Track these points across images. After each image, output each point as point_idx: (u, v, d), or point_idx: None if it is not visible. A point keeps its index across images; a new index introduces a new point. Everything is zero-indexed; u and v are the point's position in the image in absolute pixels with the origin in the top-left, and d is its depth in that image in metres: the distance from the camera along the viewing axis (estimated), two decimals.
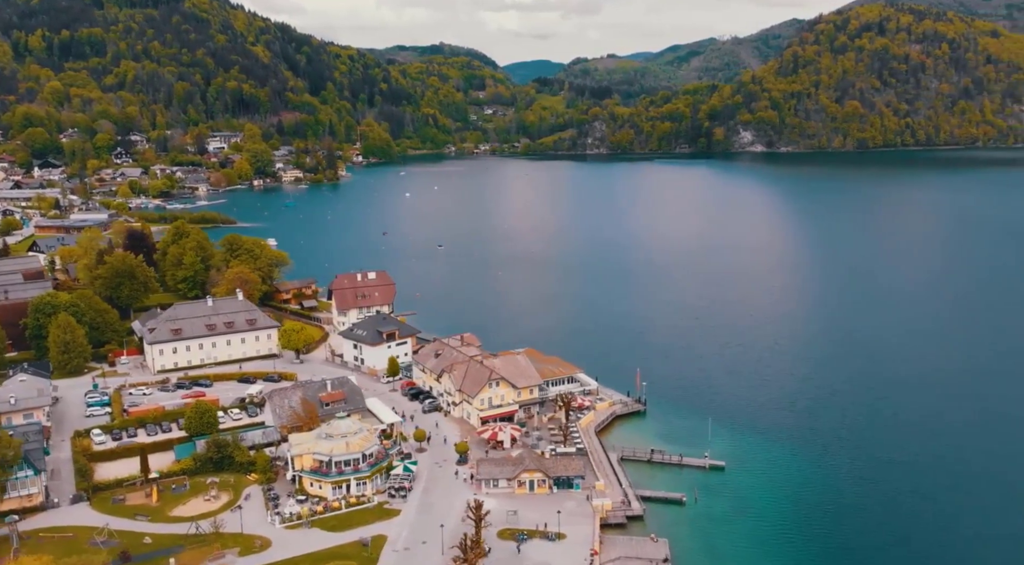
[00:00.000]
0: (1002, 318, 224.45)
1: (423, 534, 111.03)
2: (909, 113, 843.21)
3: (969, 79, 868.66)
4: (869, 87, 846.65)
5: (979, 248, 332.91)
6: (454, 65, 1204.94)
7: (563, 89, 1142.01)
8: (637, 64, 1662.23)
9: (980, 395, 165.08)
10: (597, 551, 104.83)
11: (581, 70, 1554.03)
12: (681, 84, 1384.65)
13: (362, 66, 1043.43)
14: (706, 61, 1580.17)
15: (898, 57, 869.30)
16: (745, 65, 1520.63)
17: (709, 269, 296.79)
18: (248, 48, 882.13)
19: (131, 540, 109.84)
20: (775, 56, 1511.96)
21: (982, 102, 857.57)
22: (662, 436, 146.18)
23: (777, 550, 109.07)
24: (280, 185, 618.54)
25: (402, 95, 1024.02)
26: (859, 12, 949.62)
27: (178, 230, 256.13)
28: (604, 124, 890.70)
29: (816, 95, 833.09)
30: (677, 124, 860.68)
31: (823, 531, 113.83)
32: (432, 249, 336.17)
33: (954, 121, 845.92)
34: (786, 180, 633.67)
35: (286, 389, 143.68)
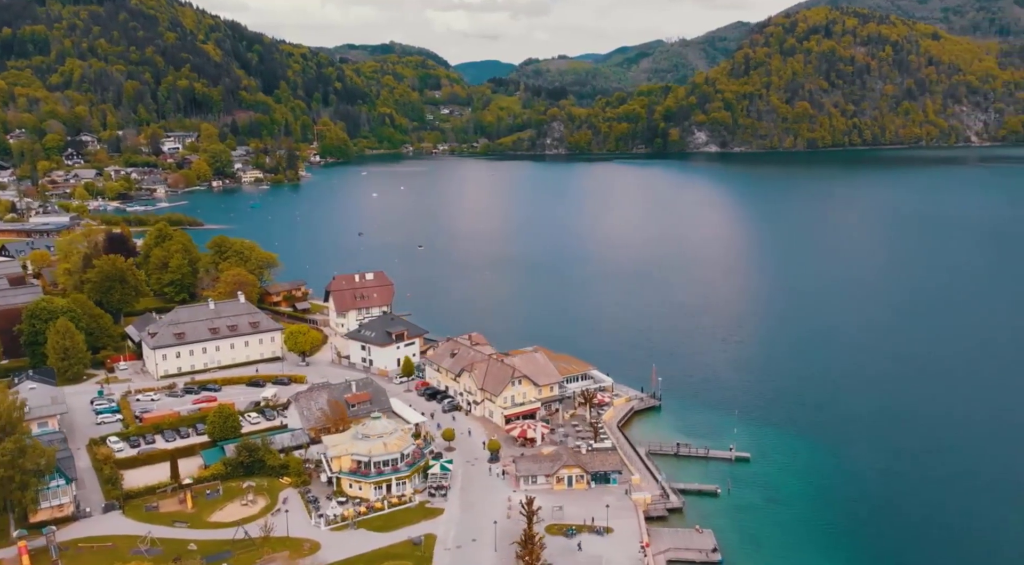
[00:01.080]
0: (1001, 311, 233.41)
1: (471, 532, 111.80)
2: (856, 114, 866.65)
3: (912, 80, 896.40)
4: (817, 88, 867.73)
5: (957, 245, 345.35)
6: (408, 64, 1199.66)
7: (519, 89, 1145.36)
8: (588, 65, 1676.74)
9: (994, 384, 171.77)
10: (648, 543, 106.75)
11: (533, 71, 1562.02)
12: (631, 85, 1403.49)
13: (315, 65, 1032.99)
14: (655, 62, 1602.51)
15: (844, 59, 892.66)
16: (693, 66, 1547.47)
17: (692, 266, 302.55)
18: (199, 46, 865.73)
19: (175, 547, 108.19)
20: (722, 58, 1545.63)
21: (925, 103, 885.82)
22: (680, 430, 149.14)
23: (814, 536, 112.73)
24: (240, 186, 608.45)
25: (357, 94, 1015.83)
26: (806, 15, 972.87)
27: (161, 232, 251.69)
28: (562, 125, 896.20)
29: (767, 96, 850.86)
30: (634, 125, 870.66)
31: (853, 516, 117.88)
32: (412, 250, 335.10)
33: (898, 121, 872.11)
34: (742, 180, 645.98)
35: (312, 391, 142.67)
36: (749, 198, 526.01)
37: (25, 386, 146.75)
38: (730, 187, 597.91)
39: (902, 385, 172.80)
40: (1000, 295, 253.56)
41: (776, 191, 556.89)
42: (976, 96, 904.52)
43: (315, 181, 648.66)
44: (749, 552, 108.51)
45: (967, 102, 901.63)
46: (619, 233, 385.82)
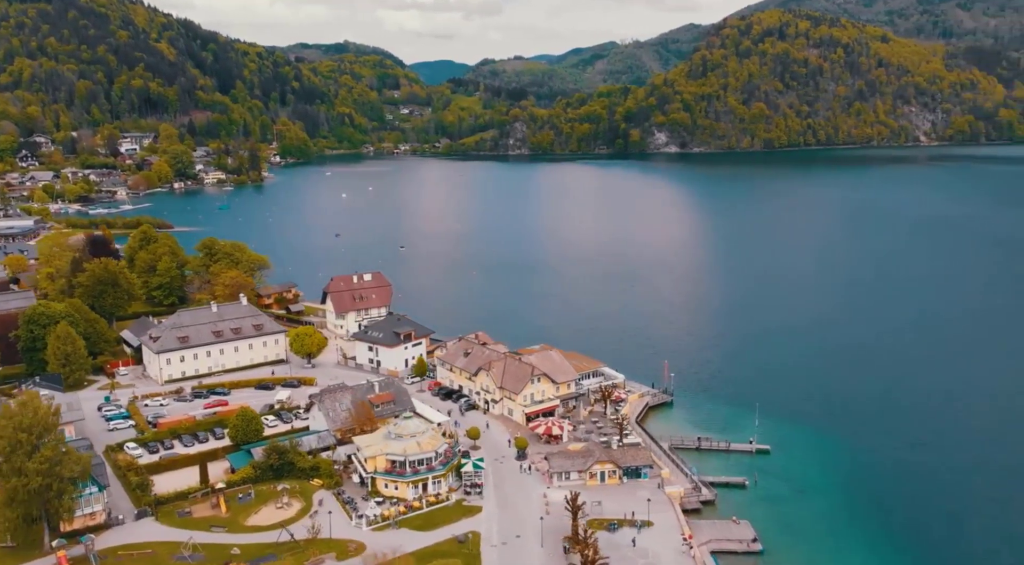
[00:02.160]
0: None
1: (513, 528, 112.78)
2: (810, 114, 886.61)
3: (863, 82, 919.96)
4: (773, 90, 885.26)
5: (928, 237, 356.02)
6: (366, 64, 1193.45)
7: (478, 90, 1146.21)
8: (543, 66, 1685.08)
9: (1003, 370, 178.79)
10: (691, 535, 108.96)
11: (490, 71, 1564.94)
12: (587, 86, 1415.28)
13: (271, 64, 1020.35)
14: (610, 64, 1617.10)
15: (798, 61, 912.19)
16: (647, 68, 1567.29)
17: (679, 264, 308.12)
18: (152, 45, 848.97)
19: (218, 552, 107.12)
20: (675, 59, 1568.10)
21: (875, 103, 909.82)
22: (695, 424, 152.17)
23: (845, 523, 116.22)
24: (202, 187, 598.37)
25: (315, 94, 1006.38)
26: (760, 18, 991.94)
27: (145, 235, 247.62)
28: (525, 125, 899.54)
29: (725, 97, 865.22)
30: (595, 126, 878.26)
31: (879, 503, 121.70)
32: (393, 250, 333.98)
33: (851, 121, 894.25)
34: (705, 180, 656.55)
35: (335, 392, 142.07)
36: (717, 198, 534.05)
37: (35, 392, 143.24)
38: (695, 187, 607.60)
39: (907, 371, 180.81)
40: (991, 286, 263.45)
41: (740, 191, 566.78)
42: (924, 97, 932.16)
43: (279, 182, 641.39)
44: (786, 541, 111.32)
45: (916, 103, 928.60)
46: (600, 232, 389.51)
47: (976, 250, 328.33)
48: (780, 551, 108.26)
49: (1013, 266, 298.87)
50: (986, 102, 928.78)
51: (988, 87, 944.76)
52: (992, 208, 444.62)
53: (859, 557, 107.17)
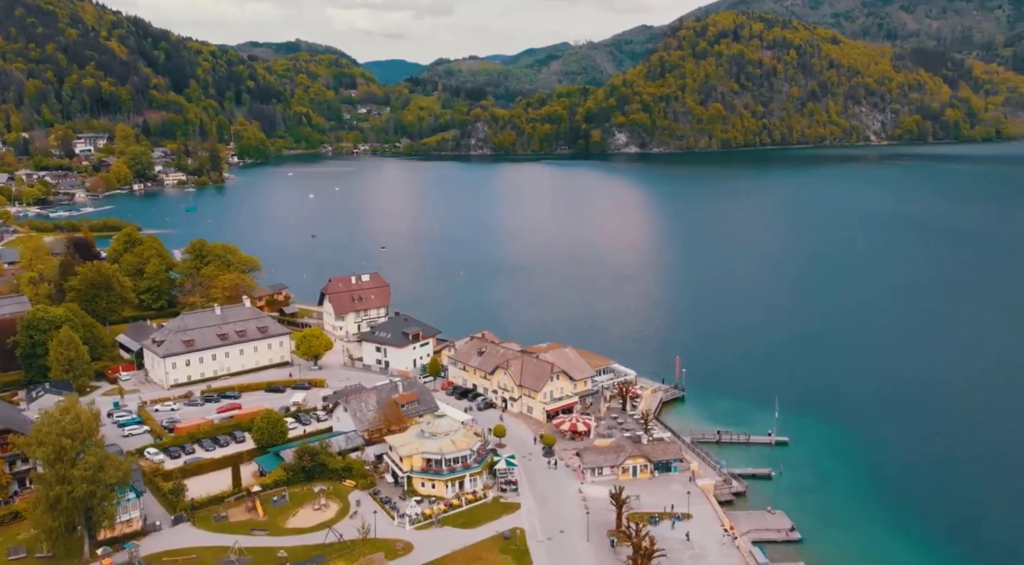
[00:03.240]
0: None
1: (555, 524, 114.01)
2: (765, 114, 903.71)
3: (815, 83, 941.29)
4: (729, 90, 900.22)
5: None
6: (321, 63, 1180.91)
7: (436, 89, 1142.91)
8: (498, 66, 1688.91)
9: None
10: (732, 526, 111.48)
11: (445, 70, 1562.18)
12: (543, 86, 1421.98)
13: (225, 63, 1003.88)
14: (565, 65, 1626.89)
15: (753, 62, 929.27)
16: (601, 69, 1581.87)
17: (665, 262, 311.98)
18: (103, 43, 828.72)
19: (263, 556, 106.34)
20: (628, 60, 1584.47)
21: (827, 104, 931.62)
22: (709, 418, 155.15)
23: (874, 510, 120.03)
24: (162, 189, 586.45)
25: (271, 93, 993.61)
26: (715, 19, 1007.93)
27: (130, 237, 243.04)
28: (486, 125, 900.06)
29: (683, 98, 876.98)
30: (556, 126, 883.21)
31: (902, 490, 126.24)
32: (374, 251, 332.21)
33: (804, 122, 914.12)
34: (666, 180, 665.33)
35: (360, 393, 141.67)
36: (687, 198, 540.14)
37: (49, 399, 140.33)
38: (661, 187, 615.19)
39: (910, 360, 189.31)
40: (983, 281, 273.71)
41: (704, 190, 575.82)
42: (874, 97, 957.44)
43: (241, 183, 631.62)
44: (822, 529, 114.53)
45: (866, 103, 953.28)
46: (578, 232, 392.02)
47: (954, 245, 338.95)
48: (818, 539, 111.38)
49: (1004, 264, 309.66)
50: (933, 102, 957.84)
51: (934, 88, 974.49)
52: (968, 206, 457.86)
53: (894, 542, 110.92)
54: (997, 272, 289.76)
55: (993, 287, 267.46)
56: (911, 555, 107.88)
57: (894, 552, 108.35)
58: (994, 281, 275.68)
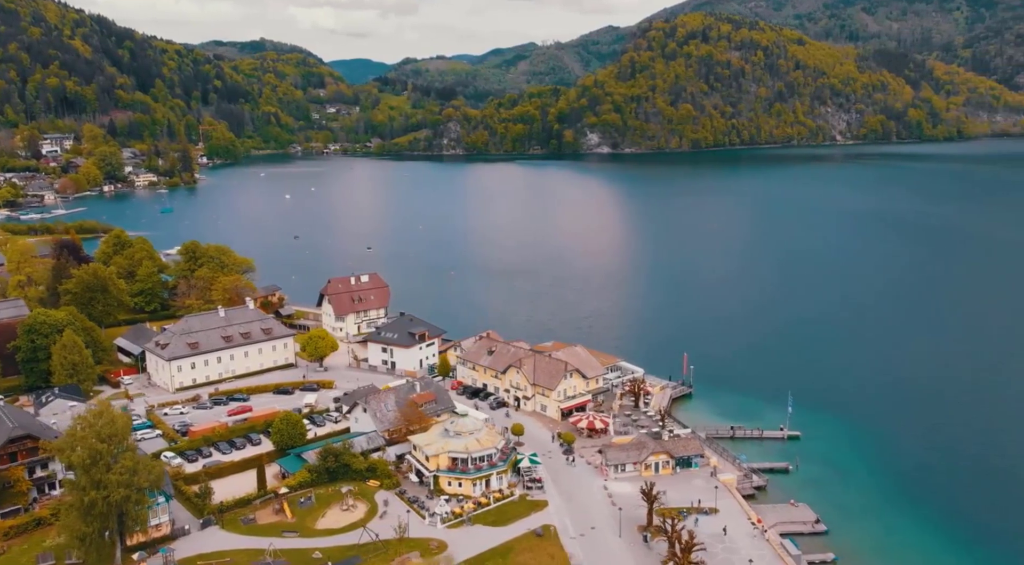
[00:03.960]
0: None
1: (583, 520, 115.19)
2: (734, 115, 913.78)
3: (782, 83, 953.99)
4: (699, 91, 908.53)
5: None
6: (288, 62, 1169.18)
7: (406, 89, 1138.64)
8: (466, 66, 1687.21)
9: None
10: (760, 520, 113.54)
11: (412, 70, 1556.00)
12: (511, 86, 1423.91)
13: (191, 62, 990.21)
14: (532, 65, 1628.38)
15: (721, 63, 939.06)
16: (569, 69, 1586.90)
17: (661, 261, 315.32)
18: (66, 42, 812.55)
19: (298, 557, 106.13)
20: (596, 61, 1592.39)
21: (794, 104, 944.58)
22: (719, 414, 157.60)
23: (893, 500, 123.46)
24: (133, 190, 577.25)
25: (238, 93, 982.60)
26: (684, 20, 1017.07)
27: (119, 240, 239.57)
28: (459, 125, 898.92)
29: (653, 99, 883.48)
30: (529, 126, 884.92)
31: (916, 479, 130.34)
32: (359, 251, 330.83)
33: (772, 122, 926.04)
34: (636, 179, 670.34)
35: (379, 394, 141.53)
36: (658, 197, 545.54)
37: (60, 404, 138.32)
38: (634, 187, 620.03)
39: (912, 352, 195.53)
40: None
41: (678, 189, 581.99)
42: (839, 98, 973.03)
43: (213, 184, 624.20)
44: (844, 521, 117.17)
45: (831, 103, 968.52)
46: (564, 231, 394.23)
47: (935, 242, 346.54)
48: (844, 531, 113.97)
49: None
50: (896, 103, 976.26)
51: (897, 88, 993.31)
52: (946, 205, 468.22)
53: (917, 531, 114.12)
54: (981, 267, 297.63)
55: (978, 280, 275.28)
56: (935, 544, 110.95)
57: (919, 541, 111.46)
58: (979, 275, 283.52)
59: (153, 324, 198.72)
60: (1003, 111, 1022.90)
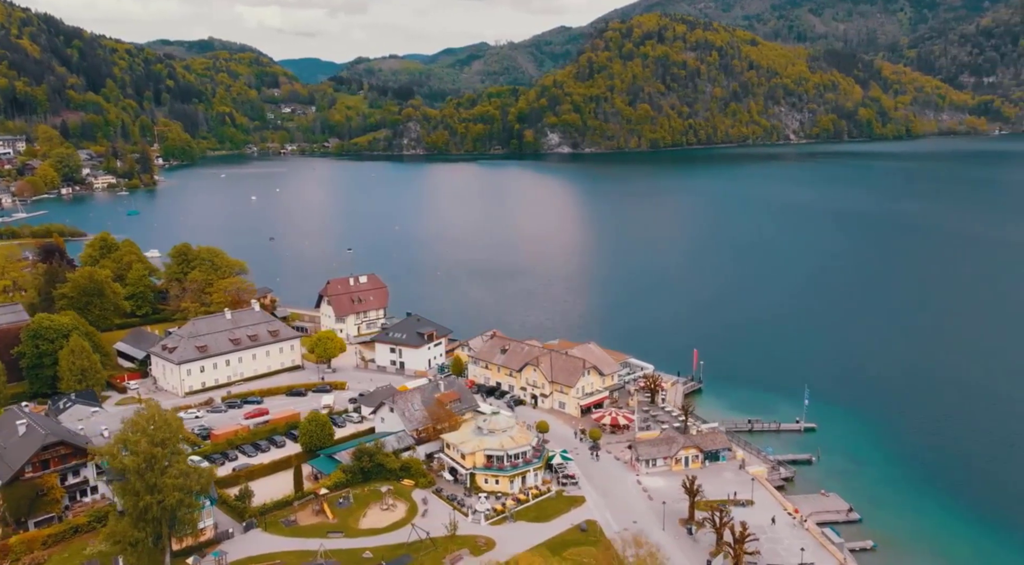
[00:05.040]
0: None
1: (623, 515, 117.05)
2: (691, 115, 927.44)
3: (736, 84, 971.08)
4: (656, 91, 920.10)
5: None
6: (241, 61, 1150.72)
7: (361, 89, 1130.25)
8: (419, 66, 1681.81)
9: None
10: (798, 510, 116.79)
11: (365, 70, 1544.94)
12: (466, 86, 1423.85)
13: (142, 62, 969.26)
14: (486, 65, 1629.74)
15: (677, 63, 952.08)
16: (523, 70, 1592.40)
17: (650, 259, 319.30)
18: (13, 41, 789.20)
19: (348, 557, 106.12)
20: (549, 61, 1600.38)
21: (749, 104, 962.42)
22: (730, 408, 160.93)
23: (917, 486, 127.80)
24: (92, 193, 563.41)
25: (192, 92, 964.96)
26: (640, 21, 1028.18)
27: (105, 242, 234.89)
28: (418, 125, 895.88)
29: (612, 99, 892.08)
30: (489, 126, 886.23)
31: (935, 466, 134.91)
32: (339, 253, 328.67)
33: (728, 121, 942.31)
34: (595, 178, 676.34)
35: (406, 393, 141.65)
36: (628, 196, 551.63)
37: (84, 410, 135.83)
38: (599, 186, 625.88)
39: (913, 344, 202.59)
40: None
41: (646, 187, 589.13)
42: (792, 97, 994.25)
43: (173, 185, 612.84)
44: (874, 509, 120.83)
45: (784, 103, 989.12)
46: (544, 230, 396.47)
47: (903, 236, 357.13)
48: (876, 519, 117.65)
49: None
50: (847, 102, 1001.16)
51: (847, 88, 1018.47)
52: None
53: (948, 516, 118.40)
54: (974, 260, 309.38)
55: (973, 271, 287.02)
56: (967, 528, 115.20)
57: (951, 526, 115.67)
58: (974, 266, 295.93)
59: (154, 328, 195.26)
60: (949, 110, 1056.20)
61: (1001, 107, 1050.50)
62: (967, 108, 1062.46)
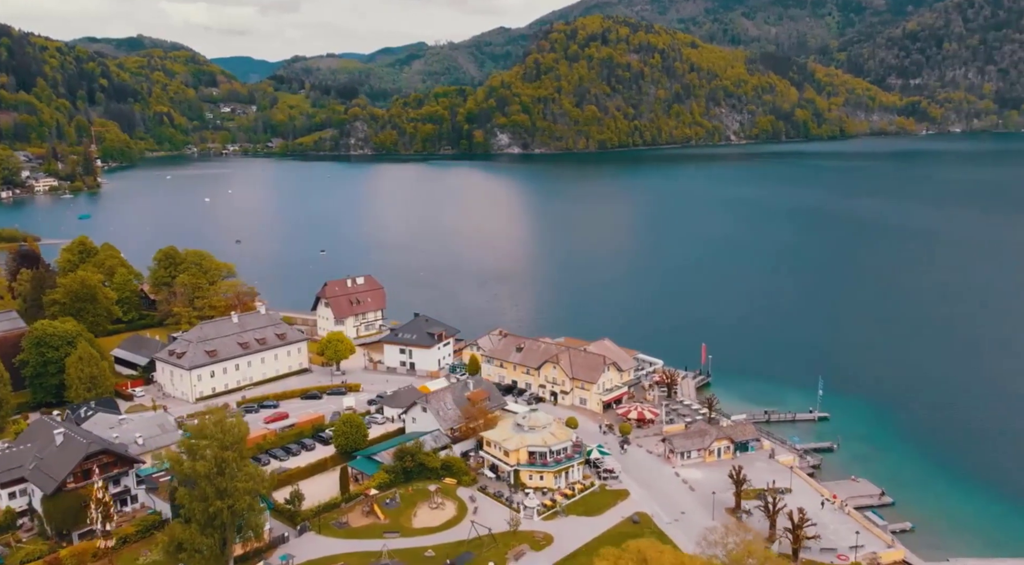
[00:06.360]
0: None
1: (671, 506, 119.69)
2: (636, 116, 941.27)
3: (679, 85, 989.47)
4: (602, 93, 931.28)
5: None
6: (177, 59, 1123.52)
7: (303, 88, 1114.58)
8: (358, 65, 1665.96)
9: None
10: (836, 496, 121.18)
11: (302, 69, 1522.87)
12: (407, 86, 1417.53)
13: (74, 60, 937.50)
14: (427, 65, 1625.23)
15: (622, 65, 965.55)
16: (463, 70, 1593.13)
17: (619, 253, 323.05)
18: None
19: (412, 557, 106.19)
20: (490, 62, 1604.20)
21: (691, 105, 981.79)
22: (740, 400, 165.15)
23: (940, 469, 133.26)
24: (33, 196, 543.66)
25: (127, 92, 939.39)
26: (584, 23, 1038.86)
27: (84, 246, 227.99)
28: (365, 124, 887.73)
29: (559, 100, 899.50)
30: (438, 126, 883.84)
31: (954, 449, 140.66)
32: (312, 255, 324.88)
33: (671, 123, 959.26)
34: (545, 177, 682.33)
35: (437, 393, 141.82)
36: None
37: (103, 419, 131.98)
38: (558, 186, 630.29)
39: (913, 336, 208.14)
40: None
41: (606, 188, 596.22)
42: (732, 99, 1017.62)
43: (118, 187, 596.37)
44: (902, 491, 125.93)
45: (725, 105, 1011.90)
46: (521, 228, 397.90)
47: (856, 231, 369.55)
48: (908, 501, 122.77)
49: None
50: (784, 104, 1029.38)
51: (784, 90, 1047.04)
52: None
53: (978, 496, 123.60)
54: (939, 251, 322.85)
55: (941, 261, 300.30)
56: (999, 506, 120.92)
57: (983, 505, 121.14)
58: (935, 256, 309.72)
59: (153, 333, 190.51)
60: (879, 111, 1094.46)
61: (927, 108, 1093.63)
62: (896, 109, 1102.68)
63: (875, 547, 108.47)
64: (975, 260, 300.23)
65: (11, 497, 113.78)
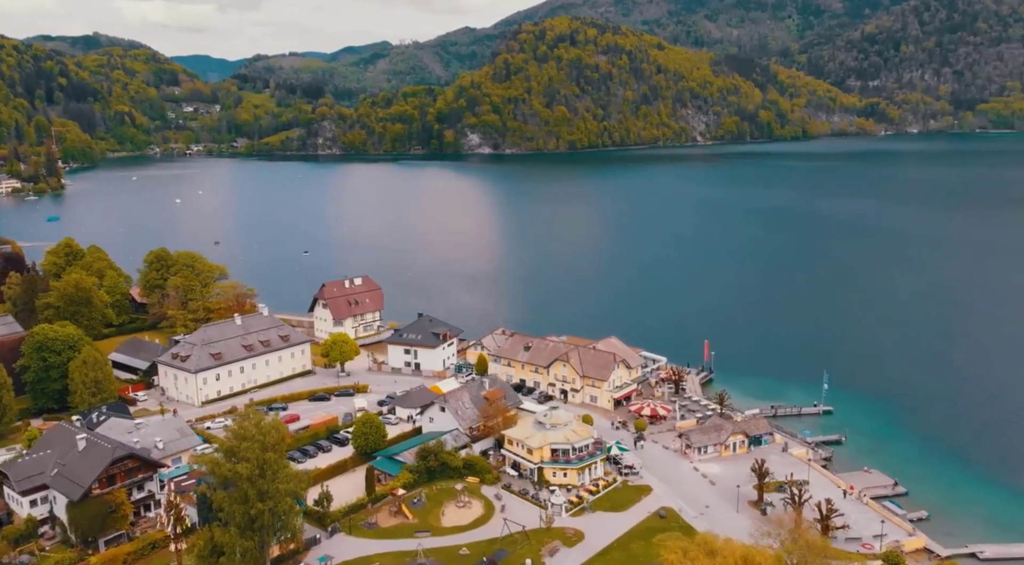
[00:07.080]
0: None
1: (694, 500, 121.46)
2: (605, 117, 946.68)
3: (647, 87, 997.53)
4: (571, 94, 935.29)
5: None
6: (138, 58, 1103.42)
7: (268, 87, 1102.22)
8: (321, 63, 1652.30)
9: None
10: (852, 486, 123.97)
11: (264, 67, 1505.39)
12: (372, 85, 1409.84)
13: (31, 58, 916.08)
14: (392, 64, 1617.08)
15: (590, 66, 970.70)
16: (429, 69, 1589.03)
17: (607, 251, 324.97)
18: None
19: (446, 556, 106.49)
20: (455, 61, 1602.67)
21: (659, 107, 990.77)
22: (744, 395, 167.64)
23: (946, 459, 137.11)
24: None
25: (87, 91, 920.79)
26: (552, 24, 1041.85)
27: (70, 249, 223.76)
28: (333, 124, 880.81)
29: (530, 100, 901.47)
30: (408, 126, 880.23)
31: (957, 438, 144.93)
32: (296, 256, 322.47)
33: (640, 124, 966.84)
34: (516, 177, 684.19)
35: (454, 392, 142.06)
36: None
37: (125, 423, 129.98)
38: (534, 186, 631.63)
39: (913, 327, 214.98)
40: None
41: (560, 190, 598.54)
42: (698, 100, 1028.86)
43: (83, 188, 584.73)
44: (913, 481, 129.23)
45: (691, 106, 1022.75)
46: (502, 227, 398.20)
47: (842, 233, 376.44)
48: (920, 490, 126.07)
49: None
50: (748, 105, 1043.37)
51: (748, 91, 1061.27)
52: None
53: (988, 484, 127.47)
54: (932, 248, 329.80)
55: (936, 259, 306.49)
56: (1009, 493, 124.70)
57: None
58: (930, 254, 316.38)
59: (152, 336, 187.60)
60: (839, 112, 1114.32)
61: (886, 109, 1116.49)
62: (855, 110, 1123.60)
63: (897, 536, 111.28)
64: (962, 257, 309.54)
65: (32, 505, 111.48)
